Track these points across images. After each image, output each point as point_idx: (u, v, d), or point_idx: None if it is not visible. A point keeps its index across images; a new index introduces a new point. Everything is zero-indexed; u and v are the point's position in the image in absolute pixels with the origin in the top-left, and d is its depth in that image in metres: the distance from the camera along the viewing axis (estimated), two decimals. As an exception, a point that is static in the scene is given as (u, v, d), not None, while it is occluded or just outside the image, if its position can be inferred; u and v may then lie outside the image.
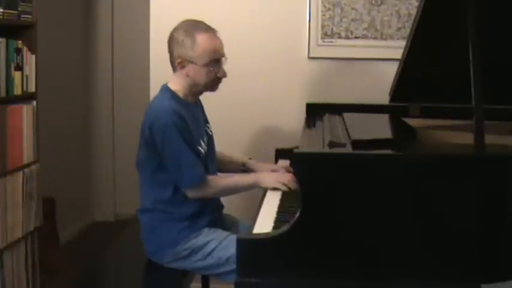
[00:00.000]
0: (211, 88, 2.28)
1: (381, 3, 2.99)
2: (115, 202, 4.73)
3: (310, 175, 1.69)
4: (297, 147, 2.32)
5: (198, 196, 2.19)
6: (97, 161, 4.66)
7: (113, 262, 4.06)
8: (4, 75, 2.55)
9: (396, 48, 2.63)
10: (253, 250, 1.71)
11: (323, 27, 3.02)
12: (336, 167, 1.69)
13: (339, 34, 3.02)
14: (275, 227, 1.84)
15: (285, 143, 2.77)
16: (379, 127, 2.44)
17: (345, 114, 2.48)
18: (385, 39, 3.00)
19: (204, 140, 2.29)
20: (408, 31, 2.35)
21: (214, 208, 2.34)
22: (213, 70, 2.20)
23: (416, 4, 2.87)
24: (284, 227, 1.70)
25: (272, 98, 3.10)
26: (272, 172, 2.36)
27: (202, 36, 2.18)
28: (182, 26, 2.22)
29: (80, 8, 4.43)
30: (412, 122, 2.37)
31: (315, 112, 2.72)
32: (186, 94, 2.26)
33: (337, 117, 2.50)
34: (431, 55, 2.20)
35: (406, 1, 2.97)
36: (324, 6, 3.00)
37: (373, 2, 2.99)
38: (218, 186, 2.22)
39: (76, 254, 3.86)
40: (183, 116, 2.16)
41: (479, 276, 1.69)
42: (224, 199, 2.44)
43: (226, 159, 2.55)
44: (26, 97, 2.76)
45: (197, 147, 2.21)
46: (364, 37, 3.01)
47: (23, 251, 2.77)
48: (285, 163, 2.54)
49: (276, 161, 2.69)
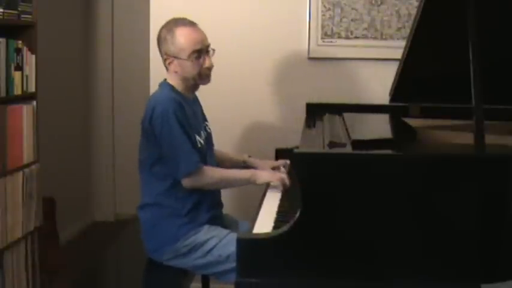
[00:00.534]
0: (201, 80, 2.30)
1: (381, 3, 2.99)
2: (115, 202, 4.73)
3: (310, 175, 1.69)
4: (297, 147, 2.32)
5: (193, 185, 2.19)
6: (97, 161, 4.66)
7: (113, 262, 4.06)
8: (4, 75, 2.55)
9: (396, 48, 2.63)
10: (253, 250, 1.71)
11: (323, 27, 3.02)
12: (336, 167, 1.69)
13: (339, 34, 3.02)
14: (275, 227, 1.84)
15: (285, 143, 2.77)
16: (379, 127, 2.44)
17: (345, 114, 2.48)
18: (385, 39, 3.00)
19: (202, 135, 2.31)
20: (408, 31, 2.35)
21: (213, 203, 2.34)
22: (198, 61, 2.24)
23: (416, 4, 2.87)
24: (284, 227, 1.70)
25: (272, 98, 3.10)
26: (268, 170, 2.38)
27: (181, 30, 2.24)
28: (164, 25, 2.29)
29: (80, 8, 4.43)
30: (412, 122, 2.37)
31: (315, 112, 2.72)
32: (183, 89, 2.30)
33: (337, 117, 2.50)
34: (431, 55, 2.20)
35: (406, 1, 2.97)
36: (324, 6, 3.00)
37: (373, 2, 2.99)
38: (213, 176, 2.23)
39: (76, 254, 3.86)
40: (182, 105, 2.20)
41: (479, 276, 1.69)
42: (224, 198, 2.44)
43: (226, 157, 2.57)
44: (26, 97, 2.76)
45: (196, 137, 2.24)
46: (364, 37, 3.01)
47: (23, 251, 2.77)
48: (284, 160, 2.56)
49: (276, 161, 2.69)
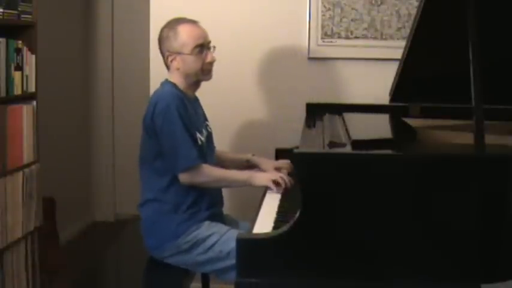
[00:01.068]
0: (204, 76, 2.32)
1: (381, 3, 2.99)
2: (115, 202, 4.73)
3: (310, 175, 1.69)
4: (297, 147, 2.32)
5: (190, 181, 2.20)
6: (97, 161, 4.66)
7: (113, 262, 4.06)
8: (4, 75, 2.55)
9: (396, 48, 2.63)
10: (253, 250, 1.71)
11: (323, 27, 3.02)
12: (336, 167, 1.69)
13: (339, 34, 3.02)
14: (275, 227, 1.84)
15: (285, 143, 2.76)
16: (379, 127, 2.44)
17: (345, 114, 2.48)
18: (385, 39, 3.00)
19: (203, 133, 2.32)
20: (408, 31, 2.35)
21: (214, 201, 2.35)
22: (200, 56, 2.28)
23: (416, 4, 2.87)
24: (284, 227, 1.70)
25: (272, 98, 3.10)
26: (266, 172, 2.36)
27: (183, 26, 2.30)
28: (166, 25, 2.35)
29: (80, 8, 4.43)
30: (412, 122, 2.37)
31: (315, 112, 2.72)
32: (185, 87, 2.32)
33: (337, 117, 2.50)
34: (431, 55, 2.20)
35: (406, 1, 2.97)
36: (324, 6, 3.00)
37: (373, 2, 2.99)
38: (211, 175, 2.23)
39: (76, 254, 3.86)
40: (184, 102, 2.23)
41: (479, 276, 1.70)
42: (224, 199, 2.44)
43: (229, 157, 2.59)
44: (26, 97, 2.76)
45: (196, 134, 2.26)
46: (364, 37, 3.01)
47: (23, 251, 2.77)
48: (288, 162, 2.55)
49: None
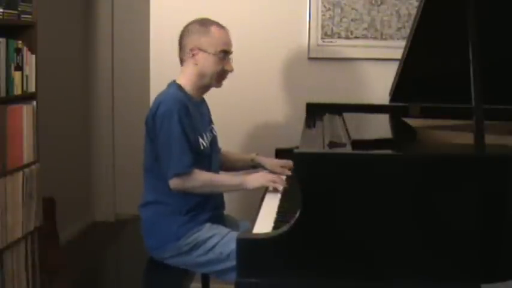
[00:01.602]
0: (216, 81, 2.32)
1: (381, 3, 2.99)
2: (115, 202, 4.73)
3: (310, 175, 1.69)
4: (297, 147, 2.33)
5: (181, 188, 2.19)
6: (97, 161, 4.66)
7: (113, 262, 4.06)
8: (4, 75, 2.55)
9: (396, 48, 2.63)
10: (253, 250, 1.71)
11: (323, 27, 3.02)
12: (336, 167, 1.69)
13: (339, 34, 3.02)
14: (275, 227, 1.84)
15: (285, 143, 2.77)
16: (379, 127, 2.44)
17: (345, 114, 2.49)
18: (385, 39, 3.00)
19: (207, 136, 2.32)
20: (408, 31, 2.35)
21: (216, 204, 2.35)
22: (222, 61, 2.28)
23: (416, 4, 2.87)
24: (284, 227, 1.70)
25: (272, 98, 3.10)
26: (259, 174, 2.35)
27: (216, 28, 2.30)
28: (197, 20, 2.34)
29: (80, 8, 4.43)
30: (412, 122, 2.37)
31: (315, 112, 2.72)
32: (193, 88, 2.31)
33: (337, 117, 2.50)
34: (431, 55, 2.20)
35: (406, 1, 2.97)
36: (324, 6, 3.00)
37: (373, 2, 2.99)
38: (201, 180, 2.20)
39: (76, 254, 3.86)
40: (187, 106, 2.21)
41: (479, 276, 1.69)
42: (225, 198, 2.44)
43: (234, 157, 2.60)
44: (26, 97, 2.76)
45: (198, 139, 2.24)
46: (364, 37, 3.01)
47: (23, 251, 2.77)
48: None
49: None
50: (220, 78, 2.32)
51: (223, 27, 2.32)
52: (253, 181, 2.25)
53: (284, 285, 1.72)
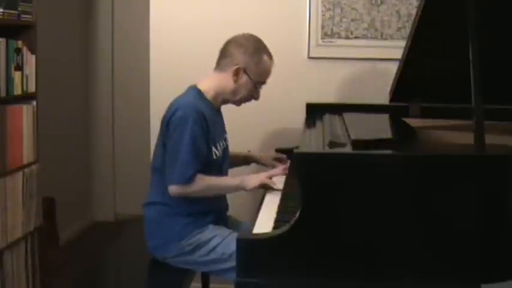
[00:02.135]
0: (239, 101, 2.37)
1: (381, 3, 2.99)
2: (115, 202, 4.73)
3: (310, 175, 1.69)
4: (297, 147, 2.33)
5: (180, 194, 2.20)
6: (97, 161, 4.66)
7: (113, 262, 4.05)
8: (4, 75, 2.55)
9: (396, 48, 2.63)
10: (253, 250, 1.71)
11: (323, 27, 3.02)
12: (336, 167, 1.69)
13: (339, 34, 3.02)
14: (275, 227, 1.84)
15: (285, 143, 2.76)
16: (379, 127, 2.44)
17: (345, 114, 2.49)
18: (385, 39, 3.00)
19: (220, 145, 2.32)
20: (408, 31, 2.35)
21: (220, 207, 2.37)
22: (255, 89, 2.33)
23: (416, 4, 2.87)
24: (284, 227, 1.70)
25: (272, 98, 3.09)
26: (256, 174, 2.37)
27: (267, 57, 2.34)
28: (253, 38, 2.33)
29: (80, 8, 4.42)
30: (412, 122, 2.37)
31: (315, 112, 2.72)
32: (216, 97, 2.33)
33: (337, 117, 2.50)
34: (431, 55, 2.20)
35: (406, 1, 2.97)
36: (324, 6, 3.00)
37: (373, 2, 2.99)
38: (200, 184, 2.20)
39: (76, 254, 3.86)
40: (204, 116, 2.20)
41: (479, 276, 1.69)
42: (228, 200, 2.45)
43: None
44: (26, 97, 2.75)
45: (211, 149, 2.25)
46: (364, 37, 3.01)
47: (23, 251, 2.77)
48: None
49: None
50: (243, 101, 2.36)
51: (272, 57, 2.36)
52: (250, 182, 2.25)
53: (284, 285, 1.72)
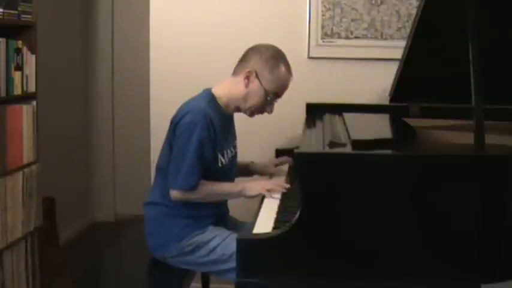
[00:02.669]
0: (250, 112, 2.30)
1: (381, 3, 2.99)
2: (115, 202, 4.73)
3: (310, 175, 1.69)
4: (297, 147, 2.33)
5: (181, 199, 2.20)
6: (97, 161, 4.66)
7: (113, 262, 4.05)
8: (4, 75, 2.55)
9: (396, 48, 2.63)
10: (253, 250, 1.71)
11: (323, 27, 3.02)
12: (336, 167, 1.69)
13: (339, 34, 3.02)
14: (275, 227, 1.84)
15: (285, 143, 2.77)
16: (379, 127, 2.44)
17: (345, 114, 2.49)
18: (385, 39, 3.00)
19: (228, 152, 2.30)
20: (408, 31, 2.35)
21: (221, 210, 2.38)
22: (267, 100, 2.25)
23: (416, 4, 2.87)
24: (284, 227, 1.70)
25: (272, 98, 3.09)
26: (258, 181, 2.37)
27: (285, 69, 2.25)
28: (274, 49, 2.28)
29: (80, 8, 4.42)
30: (412, 122, 2.37)
31: (315, 112, 2.72)
32: (228, 104, 2.28)
33: (337, 117, 2.50)
34: (431, 55, 2.20)
35: (406, 1, 2.97)
36: (324, 6, 3.00)
37: (373, 2, 2.99)
38: (202, 190, 2.20)
39: (76, 254, 3.86)
40: (213, 123, 2.18)
41: (479, 276, 1.70)
42: (229, 201, 2.45)
43: None
44: (26, 97, 2.75)
45: (218, 156, 2.23)
46: (364, 37, 3.01)
47: (23, 251, 2.77)
48: (286, 157, 2.57)
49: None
50: (256, 112, 2.30)
51: (290, 71, 2.27)
52: (251, 190, 2.24)
53: (284, 285, 1.72)
